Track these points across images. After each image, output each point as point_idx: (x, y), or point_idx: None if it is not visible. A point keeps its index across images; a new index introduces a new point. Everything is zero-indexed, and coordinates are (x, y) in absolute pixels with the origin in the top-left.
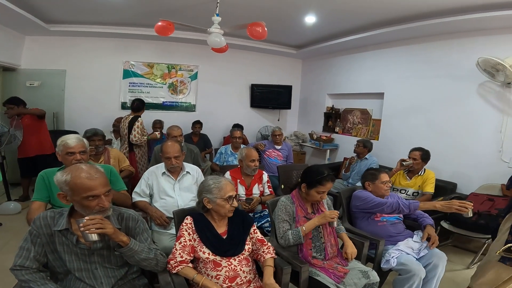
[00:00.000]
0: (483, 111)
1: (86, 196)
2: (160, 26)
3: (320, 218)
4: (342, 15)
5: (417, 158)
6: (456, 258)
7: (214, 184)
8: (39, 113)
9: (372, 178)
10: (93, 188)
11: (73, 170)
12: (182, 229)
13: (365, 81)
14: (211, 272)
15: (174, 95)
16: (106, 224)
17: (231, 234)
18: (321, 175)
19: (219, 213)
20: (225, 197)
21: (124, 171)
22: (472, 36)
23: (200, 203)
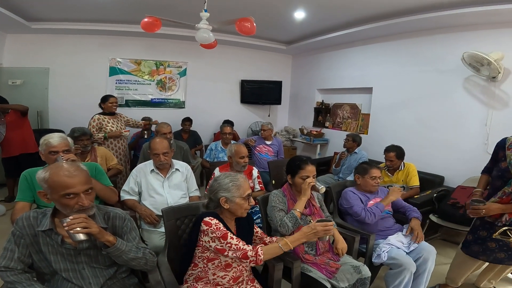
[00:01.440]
0: (469, 105)
1: (64, 194)
2: (147, 22)
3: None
4: (330, 10)
5: (393, 159)
6: (445, 252)
7: (233, 182)
8: (22, 109)
9: (363, 172)
10: (71, 185)
11: (52, 167)
12: (220, 228)
13: (354, 76)
14: (219, 272)
15: (162, 92)
16: (90, 223)
17: (241, 234)
18: (299, 161)
19: (235, 213)
20: (244, 196)
21: (112, 169)
22: (458, 31)
23: (212, 202)
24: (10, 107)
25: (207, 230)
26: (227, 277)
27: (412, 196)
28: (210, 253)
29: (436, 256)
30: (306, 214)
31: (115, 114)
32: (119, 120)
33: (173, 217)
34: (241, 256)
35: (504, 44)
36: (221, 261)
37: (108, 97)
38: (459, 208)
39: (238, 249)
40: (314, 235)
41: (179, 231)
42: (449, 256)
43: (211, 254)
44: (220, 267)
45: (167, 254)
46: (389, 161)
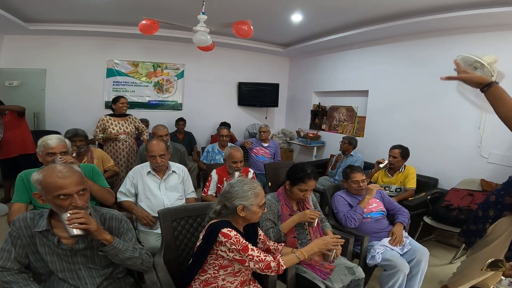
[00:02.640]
0: (462, 108)
1: (57, 195)
2: (144, 24)
3: (300, 216)
4: (327, 13)
5: (397, 156)
6: (439, 253)
7: (252, 191)
8: (19, 110)
9: (345, 177)
10: (64, 186)
11: (46, 169)
12: (240, 240)
13: (350, 79)
14: (229, 278)
15: (160, 93)
16: (90, 220)
17: (249, 238)
18: (304, 172)
19: (249, 220)
20: (261, 204)
21: (108, 171)
22: (451, 35)
23: (227, 209)
24: (7, 108)
25: (226, 242)
26: (236, 282)
27: (406, 198)
28: (224, 261)
29: (430, 257)
30: None
31: (126, 115)
32: (130, 122)
33: (169, 218)
34: (264, 267)
35: (498, 47)
36: (234, 268)
37: (118, 98)
38: (453, 210)
39: (260, 261)
40: (325, 246)
41: (175, 233)
42: (443, 258)
43: (225, 261)
44: (232, 273)
45: (163, 255)
46: (392, 157)
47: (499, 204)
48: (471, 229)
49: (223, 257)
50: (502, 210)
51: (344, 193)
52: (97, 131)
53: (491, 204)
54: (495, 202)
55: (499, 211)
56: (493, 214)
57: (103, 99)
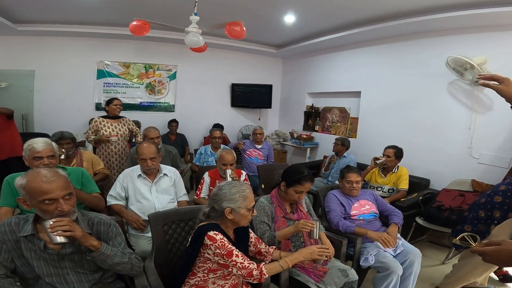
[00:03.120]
0: (453, 109)
1: (42, 200)
2: (135, 25)
3: (306, 253)
4: (320, 14)
5: (391, 155)
6: (432, 254)
7: (240, 193)
8: (7, 112)
9: (341, 176)
10: (49, 191)
11: (30, 174)
12: (225, 245)
13: (343, 80)
14: (219, 281)
15: (152, 95)
16: (74, 227)
17: (239, 241)
18: (300, 174)
19: (238, 223)
20: (250, 207)
21: (98, 174)
22: (442, 36)
23: (215, 211)
24: None
25: (211, 245)
26: (226, 285)
27: (398, 199)
28: (213, 264)
29: (423, 258)
30: (294, 219)
31: (120, 118)
32: (123, 124)
33: (160, 222)
34: (246, 275)
35: (488, 48)
36: (224, 271)
37: (112, 99)
38: (444, 211)
39: (243, 268)
40: (310, 255)
41: (166, 236)
42: (435, 259)
43: (214, 265)
44: (222, 277)
45: (155, 259)
46: (386, 156)
47: (506, 205)
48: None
49: (210, 260)
50: (508, 211)
51: (338, 192)
52: (89, 132)
53: (496, 205)
54: (502, 203)
55: (505, 212)
56: (499, 216)
57: (94, 100)
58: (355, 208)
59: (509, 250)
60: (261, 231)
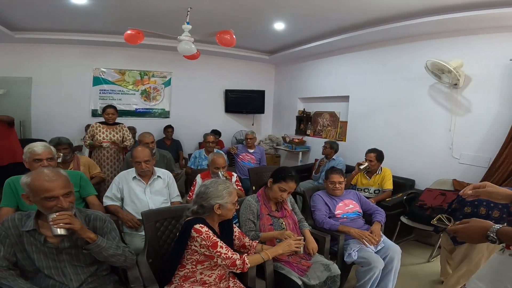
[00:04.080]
0: (434, 111)
1: (44, 197)
2: (129, 34)
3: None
4: (308, 21)
5: (373, 159)
6: (418, 252)
7: (225, 190)
8: (8, 120)
9: (326, 177)
10: (51, 189)
11: (34, 173)
12: (210, 237)
13: (332, 85)
14: (206, 272)
15: (147, 101)
16: (74, 220)
17: (224, 235)
18: (288, 173)
19: (225, 217)
20: (234, 201)
21: (95, 177)
22: (421, 40)
23: (203, 208)
24: None
25: (197, 237)
26: (213, 275)
27: (384, 199)
28: (200, 256)
29: (409, 256)
30: (278, 216)
31: (116, 124)
32: (118, 131)
33: (152, 219)
34: (229, 264)
35: (463, 51)
36: (211, 263)
37: (105, 108)
38: (426, 210)
39: (227, 258)
40: (288, 247)
41: (158, 233)
42: (421, 257)
43: (201, 257)
44: (209, 267)
45: (147, 254)
46: (368, 161)
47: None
48: None
49: (197, 252)
50: None
51: (323, 193)
52: (86, 137)
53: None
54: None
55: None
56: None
57: (90, 107)
58: (339, 207)
59: (475, 226)
60: (246, 228)
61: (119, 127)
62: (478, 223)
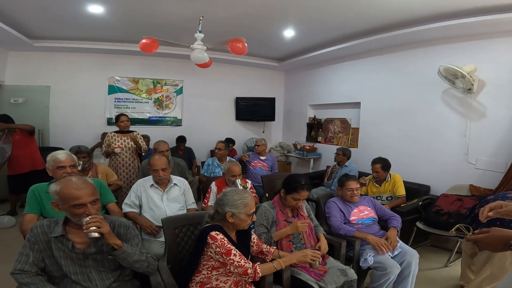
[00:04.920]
0: (448, 117)
1: (73, 205)
2: (145, 43)
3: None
4: (317, 29)
5: (379, 170)
6: (434, 257)
7: (241, 200)
8: (29, 129)
9: (341, 184)
10: (79, 197)
11: (63, 181)
12: (225, 244)
13: (343, 91)
14: (222, 278)
15: (160, 110)
16: (104, 224)
17: (241, 242)
18: (298, 183)
19: (237, 227)
20: (250, 213)
21: (112, 185)
22: (433, 45)
23: (218, 214)
24: (17, 127)
25: (213, 244)
26: (229, 282)
27: (399, 205)
28: (215, 262)
29: (426, 261)
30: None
31: (130, 132)
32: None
33: (172, 226)
34: (241, 272)
35: (477, 56)
36: (225, 269)
37: (119, 116)
38: (443, 215)
39: (239, 266)
40: (303, 258)
41: (177, 239)
42: (438, 261)
43: (216, 263)
44: (224, 273)
45: (167, 259)
46: (375, 172)
47: None
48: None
49: (213, 258)
50: None
51: (337, 199)
52: (103, 146)
53: None
54: None
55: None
56: None
57: (105, 115)
58: (354, 213)
59: (496, 235)
60: (258, 233)
61: (132, 135)
62: (499, 232)
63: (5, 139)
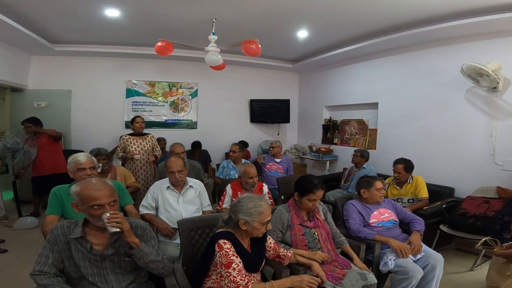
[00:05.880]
0: (472, 116)
1: (91, 205)
2: (160, 46)
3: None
4: (332, 28)
5: (401, 171)
6: (459, 261)
7: (256, 208)
8: (56, 135)
9: (367, 185)
10: (97, 198)
11: (83, 182)
12: (228, 255)
13: (360, 92)
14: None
15: (175, 113)
16: (124, 221)
17: (255, 247)
18: (311, 183)
19: (251, 234)
20: (264, 222)
21: (130, 187)
22: (455, 43)
23: (232, 220)
24: (46, 133)
25: (218, 252)
26: None
27: (421, 208)
28: None
29: (450, 265)
30: (311, 227)
31: (145, 135)
32: (147, 141)
33: (187, 228)
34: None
35: (502, 53)
36: None
37: (135, 118)
38: (469, 218)
39: (233, 281)
40: (299, 284)
41: (193, 241)
42: (463, 265)
43: None
44: None
45: (182, 261)
46: (397, 173)
47: None
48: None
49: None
50: None
51: (356, 202)
52: (118, 150)
53: None
54: None
55: None
56: None
57: (123, 119)
58: (374, 216)
59: None
60: (273, 237)
61: (148, 137)
62: None
63: (31, 142)
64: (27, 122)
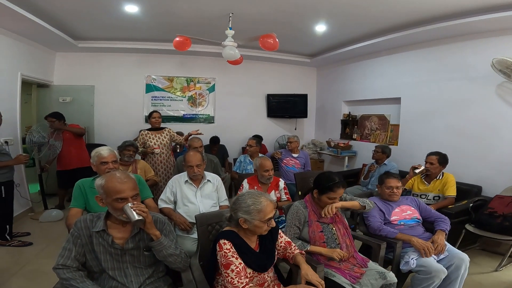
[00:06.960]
0: (503, 112)
1: (116, 198)
2: (178, 41)
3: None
4: (351, 23)
5: (434, 162)
6: (484, 261)
7: (254, 206)
8: (79, 132)
9: (380, 182)
10: (122, 191)
11: (108, 175)
12: (227, 256)
13: (381, 87)
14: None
15: (193, 107)
16: (148, 211)
17: (263, 246)
18: (332, 181)
19: (254, 232)
20: (265, 219)
21: (149, 180)
22: (485, 37)
23: (233, 219)
24: (70, 130)
25: (218, 252)
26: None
27: (446, 206)
28: None
29: (474, 266)
30: (328, 222)
31: (162, 129)
32: (165, 135)
33: (205, 222)
34: None
35: None
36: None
37: (151, 113)
38: (497, 218)
39: (230, 283)
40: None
41: (210, 236)
42: (488, 266)
43: None
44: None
45: (199, 257)
46: (429, 164)
47: None
48: None
49: None
50: None
51: (376, 199)
52: (138, 145)
53: None
54: None
55: None
56: None
57: (143, 114)
58: (395, 213)
59: None
60: (291, 233)
61: (165, 131)
62: None
63: (56, 136)
64: (50, 117)
